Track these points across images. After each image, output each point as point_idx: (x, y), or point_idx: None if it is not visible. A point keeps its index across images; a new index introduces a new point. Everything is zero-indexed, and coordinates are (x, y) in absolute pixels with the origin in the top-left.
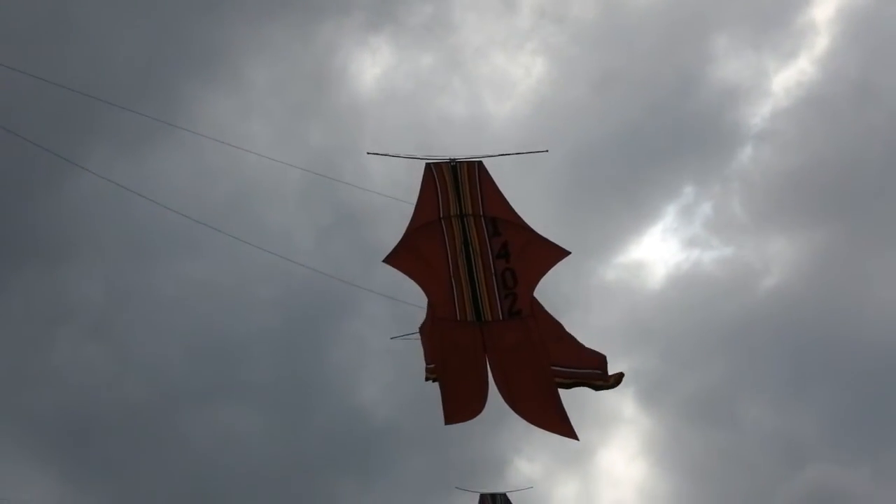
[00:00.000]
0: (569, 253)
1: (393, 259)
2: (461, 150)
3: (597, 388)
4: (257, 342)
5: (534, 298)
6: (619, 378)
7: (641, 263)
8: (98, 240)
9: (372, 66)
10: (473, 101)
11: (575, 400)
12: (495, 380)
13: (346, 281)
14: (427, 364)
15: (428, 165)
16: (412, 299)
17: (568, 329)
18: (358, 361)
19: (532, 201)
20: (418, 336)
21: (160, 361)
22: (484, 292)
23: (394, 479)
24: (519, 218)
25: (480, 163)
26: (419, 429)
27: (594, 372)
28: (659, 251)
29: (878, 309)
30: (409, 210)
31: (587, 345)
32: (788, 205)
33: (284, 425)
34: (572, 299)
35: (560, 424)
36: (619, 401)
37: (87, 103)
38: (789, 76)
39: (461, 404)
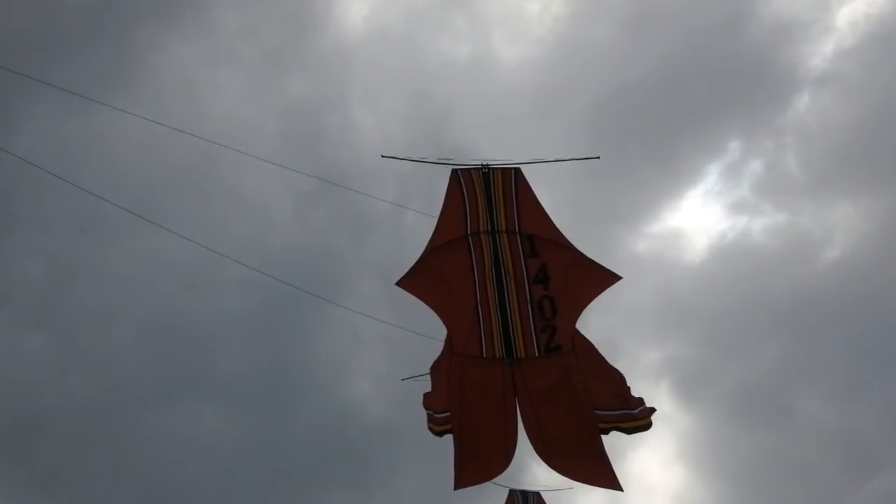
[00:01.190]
0: (619, 278)
1: (409, 282)
2: (466, 100)
3: (628, 431)
4: (228, 328)
5: (577, 331)
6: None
7: (679, 232)
8: (39, 210)
9: (360, 2)
10: (480, 43)
11: None
12: (526, 427)
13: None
14: (434, 412)
15: (454, 172)
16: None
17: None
18: (348, 351)
19: (542, 151)
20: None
21: (113, 352)
22: (517, 324)
23: (392, 488)
24: (561, 236)
25: (518, 170)
26: (420, 429)
27: (631, 412)
28: (700, 218)
29: None
30: (406, 173)
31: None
32: (853, 163)
33: (261, 426)
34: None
35: (602, 476)
36: (652, 395)
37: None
38: (856, 8)
39: (479, 463)
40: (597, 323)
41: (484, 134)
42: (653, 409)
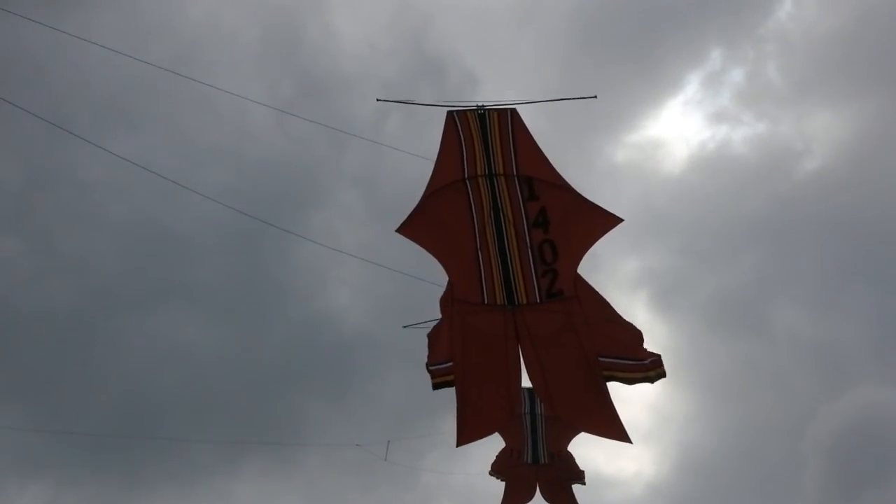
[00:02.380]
0: (621, 220)
1: (408, 228)
2: (446, 6)
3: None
4: (206, 236)
5: (578, 276)
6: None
7: (658, 142)
8: (10, 112)
9: None
10: None
11: None
12: (530, 376)
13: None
14: (435, 364)
15: (450, 114)
16: (389, 188)
17: None
18: (327, 260)
19: (526, 65)
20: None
21: (89, 258)
22: (517, 269)
23: (370, 399)
24: (560, 177)
25: (514, 110)
26: (398, 338)
27: (641, 363)
28: (679, 128)
29: None
30: (388, 80)
31: None
32: (835, 72)
33: (238, 336)
34: (574, 184)
35: (609, 426)
36: (628, 304)
37: None
38: None
39: (481, 416)
40: None
41: (465, 41)
42: (660, 360)
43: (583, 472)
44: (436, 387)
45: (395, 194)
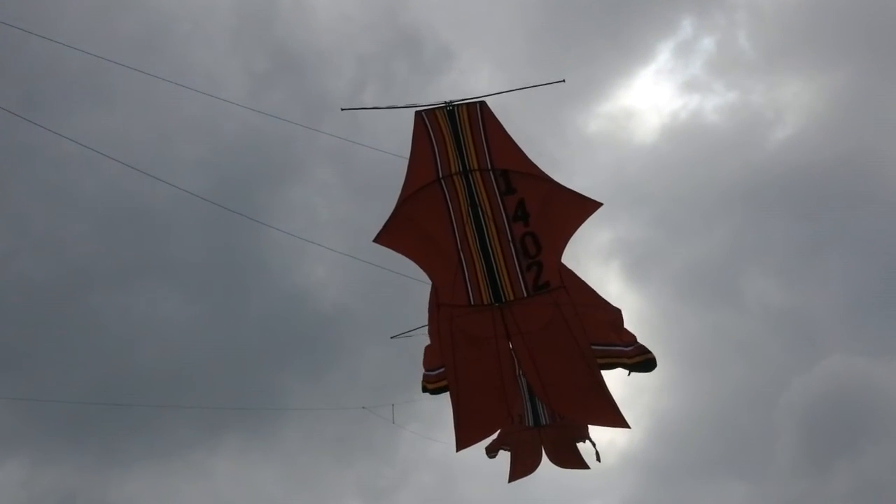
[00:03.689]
0: (600, 205)
1: (386, 236)
2: None
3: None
4: (182, 211)
5: (563, 266)
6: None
7: (630, 112)
8: None
9: None
10: None
11: None
12: (525, 372)
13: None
14: (429, 370)
15: (418, 114)
16: (365, 163)
17: None
18: (304, 235)
19: (500, 37)
20: (423, 331)
21: (64, 234)
22: (502, 265)
23: (347, 374)
24: (535, 167)
25: (483, 103)
26: (376, 313)
27: (627, 349)
28: (651, 97)
29: None
30: (365, 54)
31: None
32: (806, 40)
33: (215, 311)
34: (545, 155)
35: (607, 415)
36: (601, 275)
37: None
38: None
39: (478, 418)
40: None
41: (440, 14)
42: (644, 349)
43: (587, 428)
44: (433, 392)
45: (372, 169)
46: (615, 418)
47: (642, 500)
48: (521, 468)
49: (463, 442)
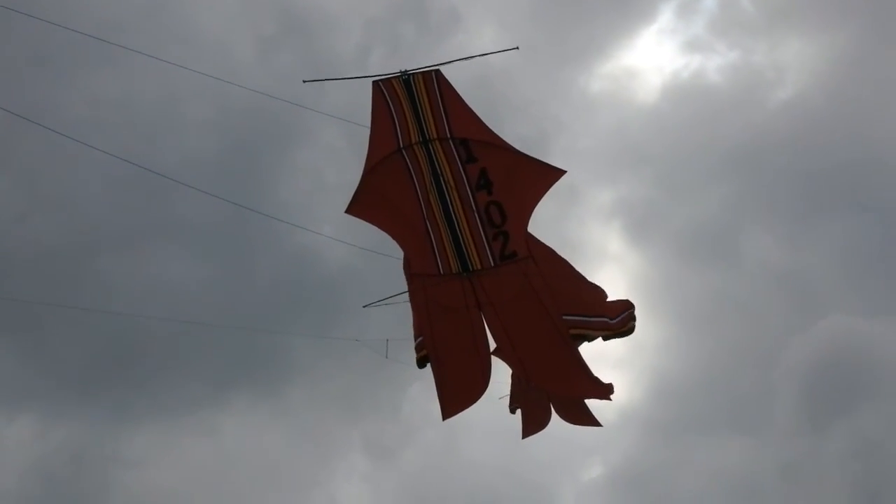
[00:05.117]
0: (564, 172)
1: (355, 207)
2: None
3: (605, 338)
4: (190, 174)
5: (530, 235)
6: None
7: (632, 72)
8: None
9: None
10: None
11: (550, 232)
12: (497, 342)
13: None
14: (415, 339)
15: (375, 84)
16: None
17: None
18: (311, 197)
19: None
20: (398, 300)
21: (74, 195)
22: (467, 235)
23: (354, 333)
24: (495, 136)
25: (438, 71)
26: (383, 274)
27: (613, 321)
28: (653, 57)
29: None
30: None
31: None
32: (807, 0)
33: (223, 271)
34: (549, 116)
35: (585, 386)
36: (603, 234)
37: None
38: None
39: (460, 388)
40: (561, 166)
41: None
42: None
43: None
44: (419, 364)
45: None
46: (593, 389)
47: (643, 456)
48: (533, 425)
49: (448, 411)
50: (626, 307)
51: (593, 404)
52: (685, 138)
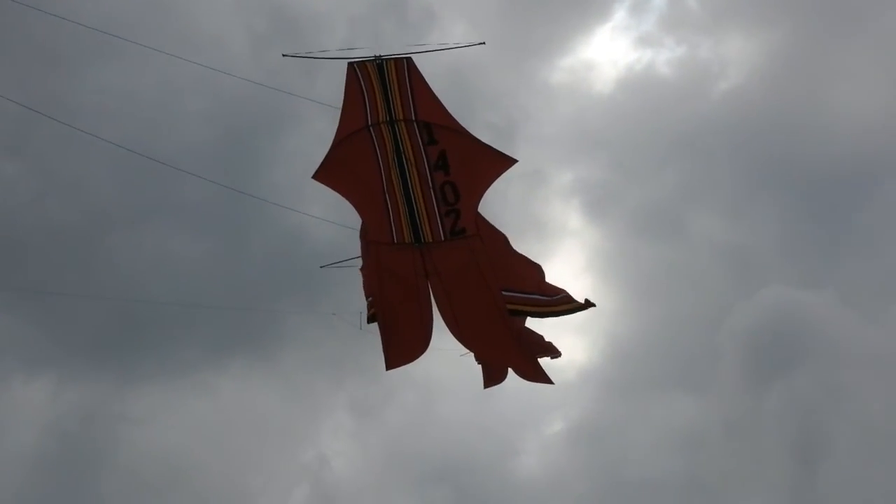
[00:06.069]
0: (515, 161)
1: (322, 174)
2: None
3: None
4: (189, 158)
5: (479, 215)
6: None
7: (590, 65)
8: (6, 51)
9: None
10: None
11: (517, 210)
12: (441, 310)
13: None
14: (366, 298)
15: (350, 65)
16: None
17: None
18: (301, 179)
19: (478, 2)
20: (353, 262)
21: (85, 179)
22: (422, 209)
23: (340, 303)
24: (456, 123)
25: (409, 59)
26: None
27: (546, 298)
28: (609, 52)
29: (839, 114)
30: (357, 17)
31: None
32: (747, 0)
33: (220, 247)
34: (516, 105)
35: (515, 356)
36: (564, 212)
37: None
38: None
39: (403, 344)
40: (523, 153)
41: None
42: (569, 297)
43: (552, 344)
44: (369, 321)
45: None
46: (523, 363)
47: (600, 412)
48: (493, 378)
49: (391, 364)
50: (562, 292)
51: (551, 363)
52: (638, 125)
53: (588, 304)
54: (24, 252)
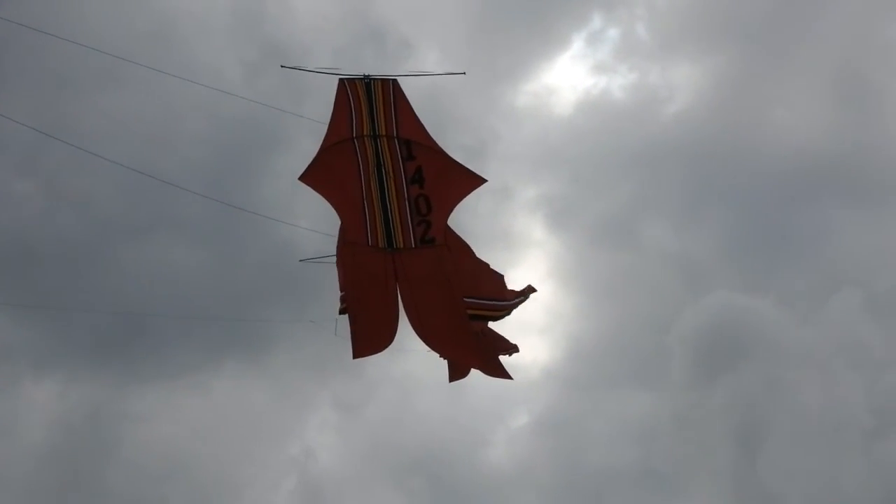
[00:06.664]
0: (485, 181)
1: (307, 177)
2: None
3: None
4: (188, 176)
5: (448, 228)
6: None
7: (551, 90)
8: (21, 77)
9: None
10: None
11: (487, 222)
12: (406, 311)
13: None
14: (340, 292)
15: (341, 81)
16: None
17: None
18: (289, 195)
19: (444, 25)
20: (330, 258)
21: (93, 197)
22: (396, 218)
23: (324, 308)
24: (434, 142)
25: (395, 81)
26: None
27: (504, 303)
28: (568, 78)
29: (776, 134)
30: (338, 49)
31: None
32: (692, 31)
33: (216, 259)
34: (485, 127)
35: (474, 356)
36: (528, 224)
37: None
38: None
39: (370, 336)
40: (493, 170)
41: (401, 13)
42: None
43: (515, 345)
44: (341, 312)
45: None
46: (478, 361)
47: (562, 407)
48: (455, 374)
49: (358, 354)
50: (522, 294)
51: (517, 362)
52: (595, 144)
53: (531, 290)
54: (36, 264)
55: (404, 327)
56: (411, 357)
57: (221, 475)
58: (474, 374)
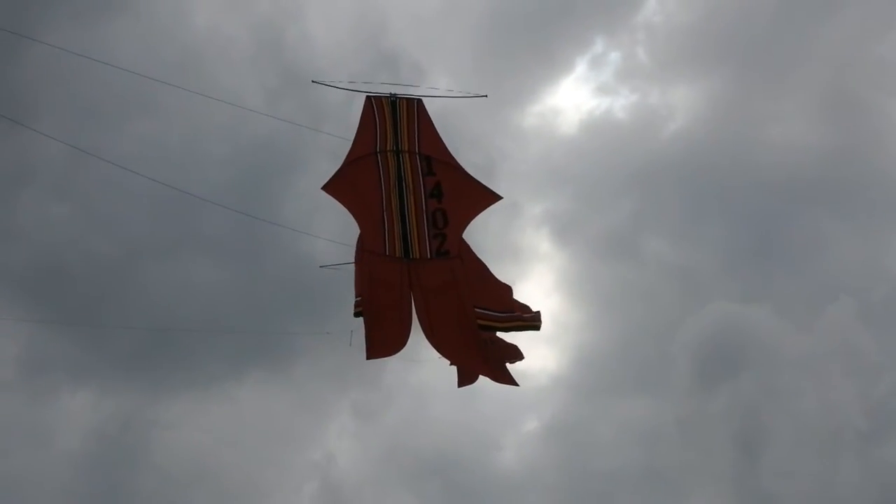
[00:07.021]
0: (500, 198)
1: (330, 187)
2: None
3: (513, 330)
4: (214, 195)
5: (462, 241)
6: (536, 318)
7: (556, 111)
8: (57, 104)
9: None
10: None
11: (497, 238)
12: (419, 319)
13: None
14: (356, 297)
15: (368, 98)
16: None
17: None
18: (308, 213)
19: (454, 52)
20: (348, 265)
21: (121, 218)
22: (413, 230)
23: (341, 321)
24: (453, 159)
25: (420, 100)
26: None
27: (515, 315)
28: (572, 99)
29: (771, 150)
30: (354, 66)
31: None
32: (690, 54)
33: (239, 274)
34: (494, 147)
35: (482, 364)
36: (535, 239)
37: None
38: None
39: (384, 340)
40: (502, 188)
41: (413, 39)
42: (537, 315)
43: (519, 350)
44: (355, 315)
45: None
46: (486, 368)
47: (570, 412)
48: (464, 380)
49: (372, 355)
50: (527, 310)
51: (526, 369)
52: (598, 162)
53: (533, 325)
54: (71, 282)
55: (418, 338)
56: (426, 366)
57: (247, 480)
58: (485, 382)
